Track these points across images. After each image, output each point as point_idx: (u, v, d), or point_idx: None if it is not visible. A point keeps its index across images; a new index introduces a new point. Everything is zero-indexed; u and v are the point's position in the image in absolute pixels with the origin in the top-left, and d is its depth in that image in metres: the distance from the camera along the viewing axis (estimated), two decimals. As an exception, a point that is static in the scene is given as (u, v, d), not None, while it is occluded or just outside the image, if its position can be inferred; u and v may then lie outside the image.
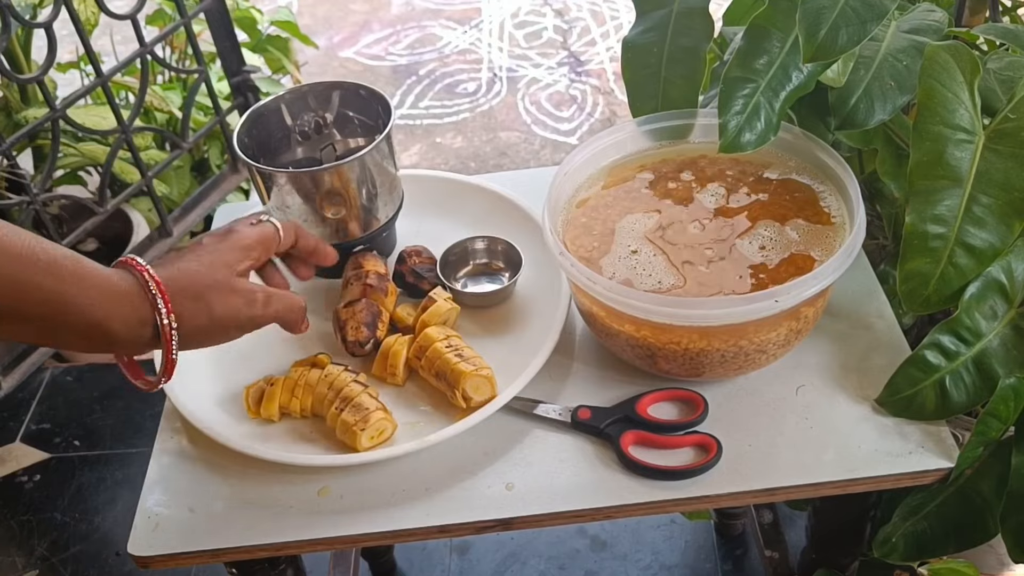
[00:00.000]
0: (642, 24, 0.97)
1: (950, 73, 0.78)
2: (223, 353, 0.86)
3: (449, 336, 0.88)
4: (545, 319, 0.91)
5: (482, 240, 1.00)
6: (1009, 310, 0.80)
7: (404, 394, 0.88)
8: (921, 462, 0.78)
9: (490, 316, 0.95)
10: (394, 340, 0.89)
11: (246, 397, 0.87)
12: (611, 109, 2.64)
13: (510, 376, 0.84)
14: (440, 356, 0.85)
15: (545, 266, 0.96)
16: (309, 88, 1.00)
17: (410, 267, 0.96)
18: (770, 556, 1.25)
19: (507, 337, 0.92)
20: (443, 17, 3.16)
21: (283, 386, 0.87)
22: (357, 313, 0.90)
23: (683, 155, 0.94)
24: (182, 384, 0.87)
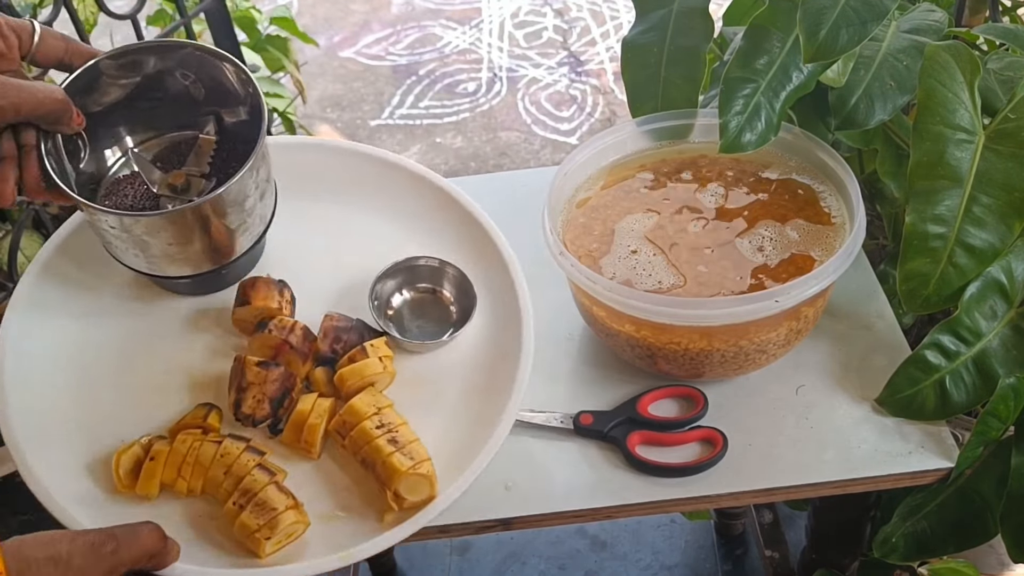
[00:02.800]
0: (642, 24, 0.97)
1: (950, 73, 0.78)
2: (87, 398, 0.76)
3: (381, 410, 0.73)
4: (500, 377, 0.76)
5: (426, 260, 0.84)
6: (1009, 310, 0.80)
7: (320, 471, 0.74)
8: (921, 462, 0.78)
9: (430, 363, 0.80)
10: (310, 405, 0.74)
11: (116, 468, 0.71)
12: (611, 109, 2.64)
13: (455, 458, 0.72)
14: (369, 442, 0.71)
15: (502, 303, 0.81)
16: (131, 52, 0.77)
17: (331, 346, 0.79)
18: (770, 556, 1.25)
19: (451, 395, 0.78)
20: (443, 17, 3.16)
21: (167, 461, 0.71)
22: (267, 382, 0.73)
23: (683, 155, 0.93)
24: (33, 444, 0.72)
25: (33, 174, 0.69)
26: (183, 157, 0.82)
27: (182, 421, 0.75)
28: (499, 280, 0.83)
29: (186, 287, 0.84)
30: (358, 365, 0.76)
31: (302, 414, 0.74)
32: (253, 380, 0.74)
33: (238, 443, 0.72)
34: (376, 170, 0.89)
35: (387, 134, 2.63)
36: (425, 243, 0.87)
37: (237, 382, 0.74)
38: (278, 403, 0.74)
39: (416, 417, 0.75)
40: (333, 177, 0.90)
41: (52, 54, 0.70)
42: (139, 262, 0.77)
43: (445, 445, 0.74)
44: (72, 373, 0.79)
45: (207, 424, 0.75)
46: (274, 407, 0.74)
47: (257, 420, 0.74)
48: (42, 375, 0.77)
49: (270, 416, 0.74)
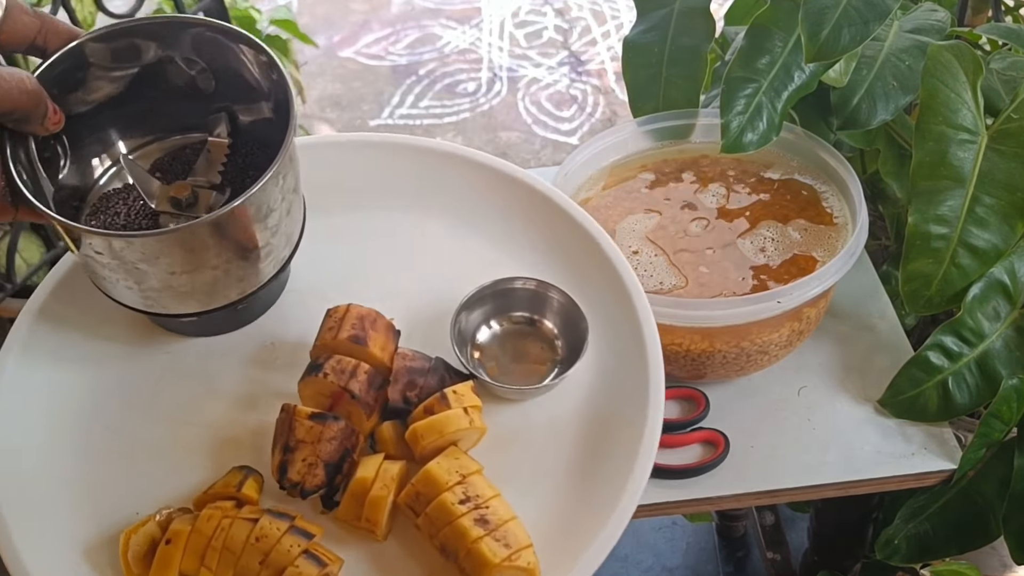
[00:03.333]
0: (643, 24, 0.96)
1: (953, 73, 0.78)
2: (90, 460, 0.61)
3: (466, 479, 0.56)
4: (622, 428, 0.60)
5: (523, 282, 0.66)
6: (1012, 311, 0.79)
7: (385, 557, 0.58)
8: (924, 463, 0.78)
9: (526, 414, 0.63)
10: (374, 471, 0.57)
11: (124, 551, 0.56)
12: (612, 109, 2.64)
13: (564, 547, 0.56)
14: (450, 521, 0.54)
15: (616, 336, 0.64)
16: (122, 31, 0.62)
17: (403, 393, 0.61)
18: (772, 558, 1.24)
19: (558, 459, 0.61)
20: (443, 17, 3.16)
21: (187, 546, 0.55)
22: (322, 441, 0.57)
23: (684, 155, 0.93)
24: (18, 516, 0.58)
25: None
26: (188, 165, 0.68)
27: (211, 490, 0.59)
28: (615, 308, 0.65)
29: (192, 327, 0.69)
30: (437, 419, 0.59)
31: (364, 483, 0.57)
32: (304, 438, 0.57)
33: (279, 522, 0.55)
34: (451, 171, 0.72)
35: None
36: (522, 262, 0.70)
37: (284, 440, 0.58)
38: (335, 468, 0.58)
39: (510, 487, 0.58)
40: (395, 182, 0.73)
41: (22, 33, 0.55)
42: (133, 296, 0.61)
43: (549, 526, 0.58)
44: (72, 431, 0.64)
45: (242, 495, 0.58)
46: (330, 473, 0.57)
47: (308, 490, 0.57)
48: (36, 434, 0.63)
49: (324, 485, 0.58)
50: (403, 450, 0.61)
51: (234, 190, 0.65)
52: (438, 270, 0.70)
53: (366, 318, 0.62)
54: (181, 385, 0.67)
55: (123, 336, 0.69)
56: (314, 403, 0.62)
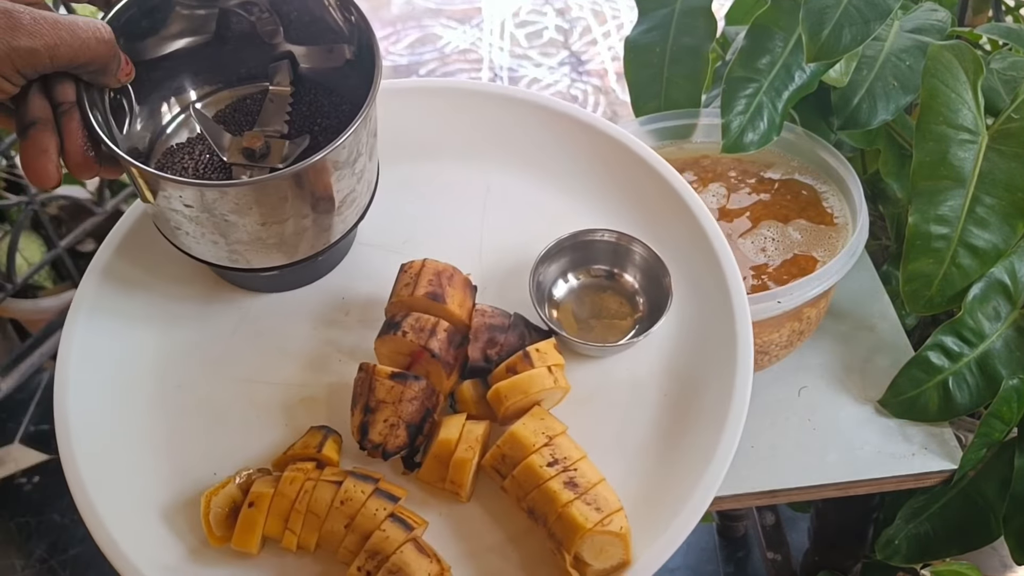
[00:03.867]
0: (644, 23, 0.96)
1: (953, 73, 0.78)
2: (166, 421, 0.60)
3: (552, 440, 0.55)
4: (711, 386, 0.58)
5: (606, 235, 0.64)
6: (1012, 311, 0.79)
7: (469, 519, 0.57)
8: (924, 464, 0.78)
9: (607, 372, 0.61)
10: (457, 432, 0.56)
11: (205, 514, 0.55)
12: (613, 109, 2.64)
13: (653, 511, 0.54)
14: (538, 484, 0.53)
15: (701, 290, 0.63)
16: None
17: (483, 351, 0.59)
18: (772, 558, 1.24)
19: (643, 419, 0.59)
20: (443, 16, 3.16)
21: (270, 508, 0.54)
22: (403, 401, 0.56)
23: (685, 155, 0.93)
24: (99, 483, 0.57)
25: (76, 141, 0.53)
26: (251, 116, 0.65)
27: (290, 451, 0.58)
28: (699, 261, 0.63)
29: (267, 283, 0.66)
30: (520, 378, 0.56)
31: (448, 444, 0.56)
32: (385, 398, 0.56)
33: (364, 484, 0.54)
34: (525, 118, 0.69)
35: (388, 134, 2.63)
36: (600, 213, 0.67)
37: (364, 400, 0.57)
38: (416, 429, 0.56)
39: (595, 447, 0.56)
40: (464, 130, 0.70)
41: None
42: (217, 252, 0.60)
43: (637, 489, 0.56)
44: (145, 392, 0.63)
45: (323, 456, 0.57)
46: (411, 434, 0.56)
47: (389, 451, 0.56)
48: (109, 395, 0.62)
49: (406, 446, 0.57)
50: (484, 410, 0.59)
51: (313, 139, 0.63)
52: (512, 222, 0.67)
53: (443, 273, 0.60)
54: (253, 343, 0.65)
55: (191, 294, 0.67)
56: (391, 361, 0.60)
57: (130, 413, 0.61)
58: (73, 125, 0.52)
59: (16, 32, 0.46)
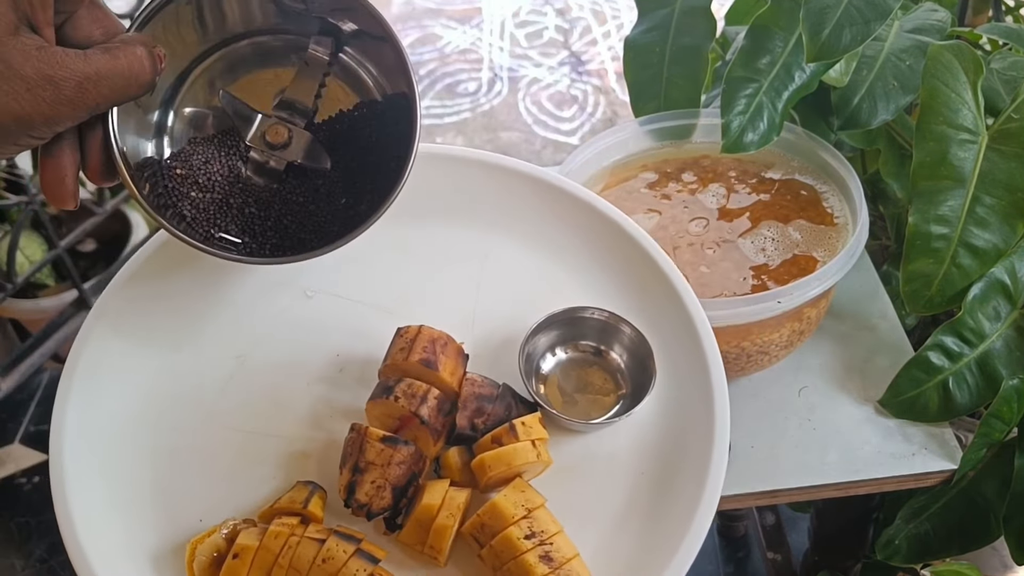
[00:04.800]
0: (644, 23, 0.96)
1: (953, 73, 0.78)
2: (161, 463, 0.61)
3: (531, 512, 0.56)
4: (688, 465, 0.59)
5: (598, 313, 0.65)
6: (1012, 311, 0.79)
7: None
8: (924, 464, 0.78)
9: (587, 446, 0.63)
10: (439, 498, 0.57)
11: (189, 560, 0.56)
12: (612, 109, 2.64)
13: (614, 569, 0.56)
14: (515, 556, 0.54)
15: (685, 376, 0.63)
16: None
17: (470, 420, 0.61)
18: (772, 558, 1.24)
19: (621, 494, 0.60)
20: (443, 16, 3.16)
21: (255, 560, 0.55)
22: (392, 464, 0.57)
23: (685, 155, 0.93)
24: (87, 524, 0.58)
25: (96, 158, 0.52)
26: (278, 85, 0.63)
27: (277, 504, 0.59)
28: (684, 346, 0.65)
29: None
30: (505, 451, 0.58)
31: (430, 510, 0.57)
32: (375, 460, 0.57)
33: (346, 544, 0.55)
34: (526, 190, 0.71)
35: (388, 134, 2.63)
36: (592, 290, 0.69)
37: (354, 460, 0.58)
38: (401, 492, 0.58)
39: (571, 520, 0.58)
40: (466, 198, 0.71)
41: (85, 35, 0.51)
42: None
43: (610, 565, 0.57)
44: (141, 435, 0.63)
45: (308, 512, 0.58)
46: (396, 497, 0.57)
47: (374, 512, 0.57)
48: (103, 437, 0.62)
49: (390, 508, 0.58)
50: (468, 476, 0.60)
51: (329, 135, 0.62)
52: (507, 292, 0.69)
53: (437, 341, 0.61)
54: (248, 394, 0.66)
55: (189, 341, 0.68)
56: (381, 424, 0.61)
57: (122, 456, 0.62)
58: (95, 143, 0.52)
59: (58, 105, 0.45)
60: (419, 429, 0.59)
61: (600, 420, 0.63)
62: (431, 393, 0.59)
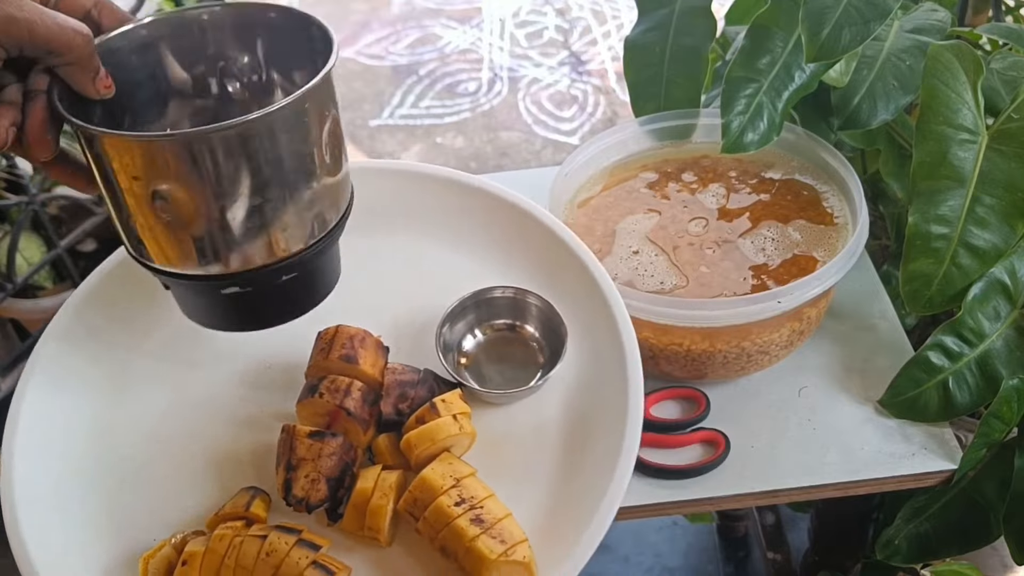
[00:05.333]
0: (644, 23, 0.96)
1: (953, 73, 0.78)
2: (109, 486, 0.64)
3: (460, 481, 0.60)
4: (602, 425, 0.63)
5: (502, 291, 0.70)
6: (1012, 311, 0.79)
7: (391, 562, 0.61)
8: (924, 464, 0.77)
9: (512, 417, 0.66)
10: (373, 483, 0.61)
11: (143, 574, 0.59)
12: (612, 109, 2.64)
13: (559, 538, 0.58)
14: (448, 523, 0.57)
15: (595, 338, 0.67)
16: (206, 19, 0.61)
17: (395, 406, 0.65)
18: (772, 558, 1.24)
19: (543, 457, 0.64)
20: (444, 16, 3.16)
21: (201, 566, 0.58)
22: (322, 457, 0.60)
23: (685, 155, 0.93)
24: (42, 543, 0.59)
25: (37, 118, 0.54)
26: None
27: (221, 511, 0.62)
28: (591, 309, 0.68)
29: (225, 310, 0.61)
30: (428, 427, 0.62)
31: (364, 493, 0.61)
32: (305, 455, 0.60)
33: (287, 536, 0.58)
34: (429, 190, 0.75)
35: (387, 134, 2.63)
36: (499, 272, 0.72)
37: (287, 458, 0.61)
38: (337, 482, 0.61)
39: (504, 486, 0.61)
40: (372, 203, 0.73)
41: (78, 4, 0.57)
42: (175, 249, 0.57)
43: (543, 520, 0.61)
44: (92, 456, 0.66)
45: (251, 514, 0.61)
46: (332, 487, 0.61)
47: (312, 505, 0.60)
48: (54, 466, 0.64)
49: (328, 499, 0.61)
50: (400, 460, 0.64)
51: None
52: (421, 286, 0.73)
53: (355, 337, 0.65)
54: (188, 413, 0.69)
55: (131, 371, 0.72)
56: (313, 422, 0.64)
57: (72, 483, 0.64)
58: (37, 106, 0.54)
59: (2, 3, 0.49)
60: (347, 421, 0.62)
61: (517, 389, 0.66)
62: (354, 386, 0.63)
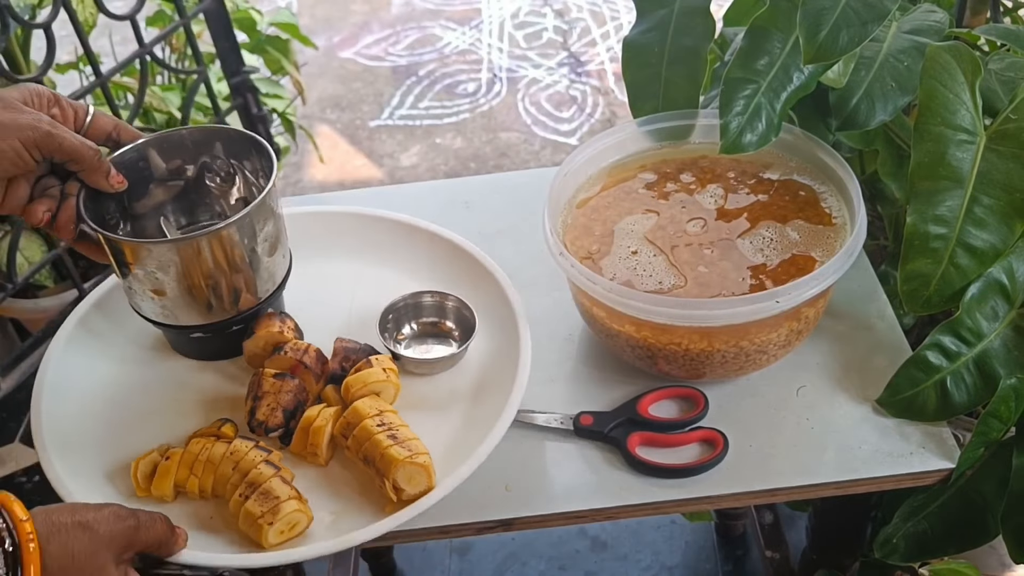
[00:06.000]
0: (643, 24, 0.97)
1: (951, 74, 0.78)
2: (113, 413, 0.83)
3: (383, 412, 0.76)
4: (499, 391, 0.80)
5: (430, 295, 0.89)
6: (1010, 311, 0.80)
7: (327, 476, 0.78)
8: (922, 463, 0.78)
9: (436, 385, 0.85)
10: (317, 412, 0.78)
11: (134, 472, 0.76)
12: (611, 110, 2.64)
13: (455, 460, 0.75)
14: (369, 437, 0.74)
15: (501, 330, 0.86)
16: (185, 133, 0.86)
17: (340, 364, 0.83)
18: (771, 557, 1.25)
19: (455, 410, 0.82)
20: (443, 18, 3.16)
21: (180, 461, 0.75)
22: (282, 392, 0.78)
23: (684, 156, 0.93)
24: (61, 453, 0.78)
25: (68, 215, 0.76)
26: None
27: (198, 432, 0.79)
28: (497, 305, 0.88)
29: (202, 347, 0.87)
30: (362, 373, 0.79)
31: (309, 419, 0.77)
32: (269, 389, 0.78)
33: (247, 442, 0.76)
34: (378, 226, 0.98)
35: (387, 135, 2.63)
36: (427, 281, 0.93)
37: (254, 392, 0.79)
38: (291, 414, 0.78)
39: (421, 430, 0.78)
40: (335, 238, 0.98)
41: (103, 130, 0.78)
42: (154, 308, 0.81)
43: (446, 448, 0.78)
44: (101, 404, 0.85)
45: (221, 433, 0.78)
46: (287, 417, 0.78)
47: (270, 428, 0.77)
48: (75, 404, 0.83)
49: (283, 425, 0.78)
50: (342, 403, 0.81)
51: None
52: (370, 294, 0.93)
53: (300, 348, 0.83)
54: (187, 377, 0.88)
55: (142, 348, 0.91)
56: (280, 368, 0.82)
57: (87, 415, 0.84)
58: (68, 204, 0.77)
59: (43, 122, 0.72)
60: (304, 372, 0.81)
61: (436, 357, 0.85)
62: (310, 348, 0.82)
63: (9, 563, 0.55)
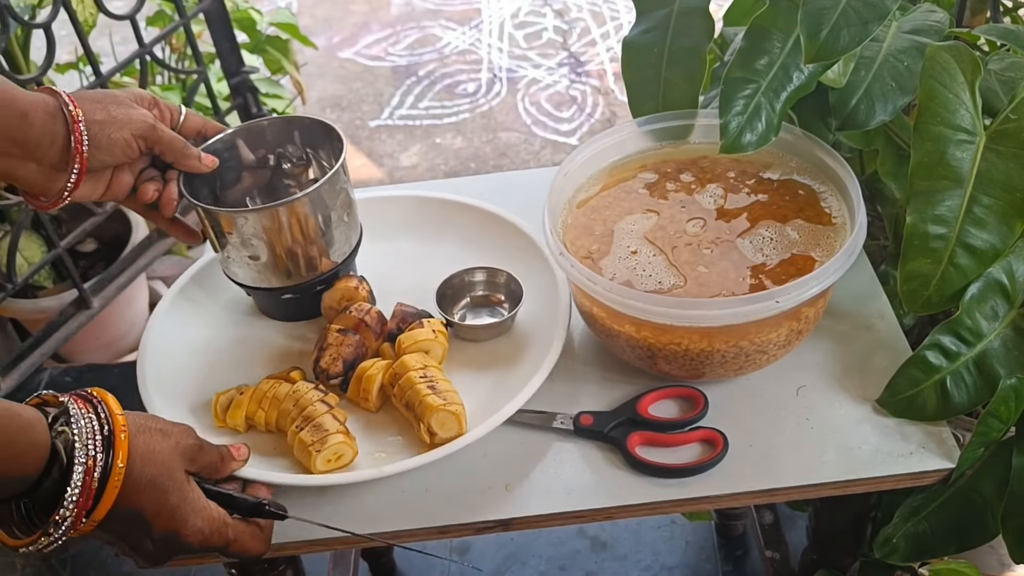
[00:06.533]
0: (642, 24, 0.97)
1: (951, 74, 0.78)
2: (202, 365, 0.94)
3: (427, 367, 0.84)
4: (539, 352, 0.87)
5: (482, 272, 0.96)
6: (1010, 311, 0.80)
7: (375, 421, 0.86)
8: (922, 463, 0.78)
9: (483, 350, 0.91)
10: (371, 364, 0.87)
11: (215, 404, 0.87)
12: (611, 110, 2.64)
13: (487, 412, 0.81)
14: (412, 386, 0.82)
15: (547, 297, 0.91)
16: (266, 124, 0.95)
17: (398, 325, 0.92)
18: (771, 557, 1.24)
19: (496, 372, 0.88)
20: (443, 18, 3.16)
21: (251, 397, 0.86)
22: (344, 345, 0.87)
23: (684, 156, 0.93)
24: (158, 384, 0.89)
25: (171, 193, 0.87)
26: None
27: (271, 375, 0.89)
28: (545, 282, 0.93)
29: (287, 308, 0.97)
30: (414, 331, 0.88)
31: (364, 368, 0.86)
32: (332, 342, 0.88)
33: (308, 385, 0.85)
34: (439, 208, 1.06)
35: (387, 135, 2.63)
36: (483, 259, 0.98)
37: (320, 344, 0.89)
38: (350, 365, 0.87)
39: (462, 387, 0.85)
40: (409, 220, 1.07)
41: (195, 128, 0.89)
42: (250, 273, 0.91)
43: (482, 403, 0.85)
44: (195, 358, 0.95)
45: (289, 377, 0.88)
46: (346, 367, 0.87)
47: (331, 375, 0.86)
48: (173, 359, 0.94)
49: (342, 373, 0.87)
50: (395, 358, 0.88)
51: None
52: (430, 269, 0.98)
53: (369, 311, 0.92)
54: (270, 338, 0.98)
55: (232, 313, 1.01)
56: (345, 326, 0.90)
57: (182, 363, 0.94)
58: (171, 183, 0.87)
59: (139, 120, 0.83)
60: (364, 330, 0.89)
61: (485, 324, 0.92)
62: (372, 310, 0.91)
63: (104, 447, 0.63)
